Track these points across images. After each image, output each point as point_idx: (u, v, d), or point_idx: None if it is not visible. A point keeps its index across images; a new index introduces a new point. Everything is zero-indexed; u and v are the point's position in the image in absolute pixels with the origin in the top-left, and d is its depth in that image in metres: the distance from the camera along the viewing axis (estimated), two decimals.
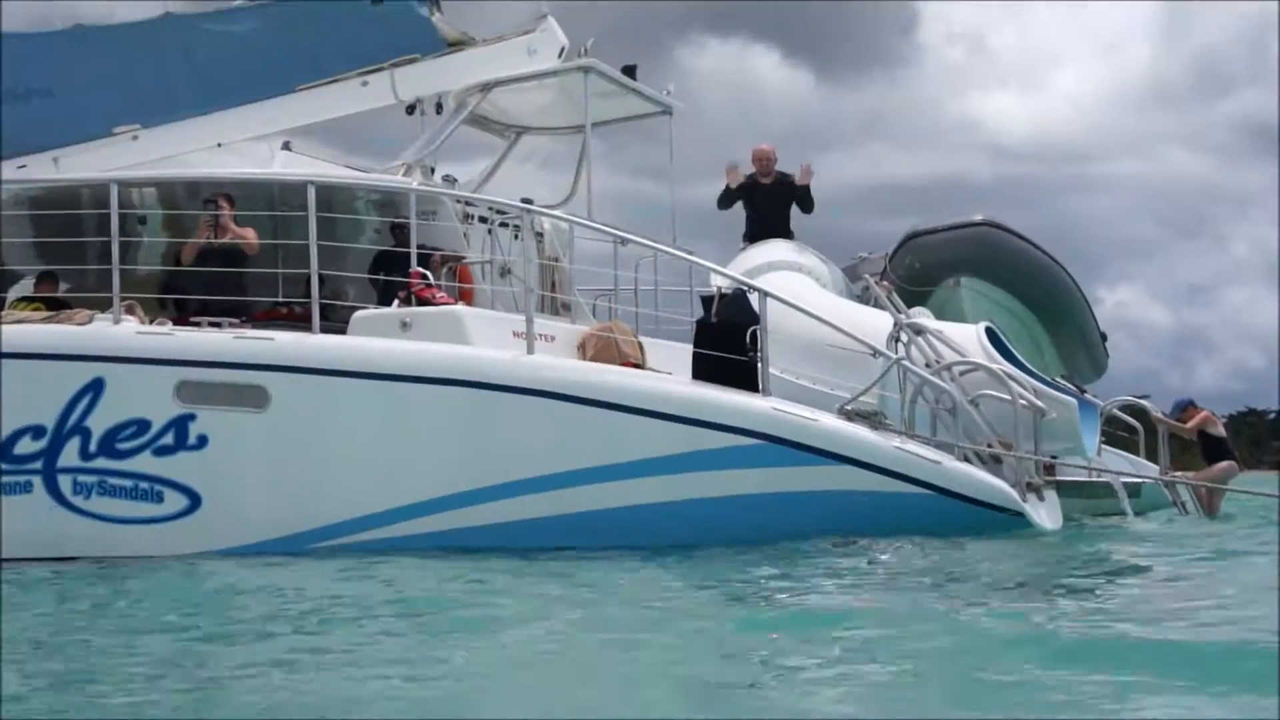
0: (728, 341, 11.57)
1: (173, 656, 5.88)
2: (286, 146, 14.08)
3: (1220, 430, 16.91)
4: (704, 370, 11.61)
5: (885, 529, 10.83)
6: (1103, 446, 15.19)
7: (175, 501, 11.23)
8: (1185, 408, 16.56)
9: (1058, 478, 13.90)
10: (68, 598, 8.84)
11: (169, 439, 11.20)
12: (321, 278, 11.77)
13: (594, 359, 12.06)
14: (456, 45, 14.23)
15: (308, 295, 11.70)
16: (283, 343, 11.48)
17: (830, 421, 11.12)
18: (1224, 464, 16.31)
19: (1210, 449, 16.56)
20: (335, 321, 12.05)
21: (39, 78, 13.97)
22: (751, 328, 11.52)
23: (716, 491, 10.92)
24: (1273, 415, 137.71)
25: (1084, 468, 13.48)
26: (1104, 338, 17.01)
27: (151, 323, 11.80)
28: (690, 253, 13.98)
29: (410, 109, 14.51)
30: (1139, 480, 15.79)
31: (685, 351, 12.14)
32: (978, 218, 16.02)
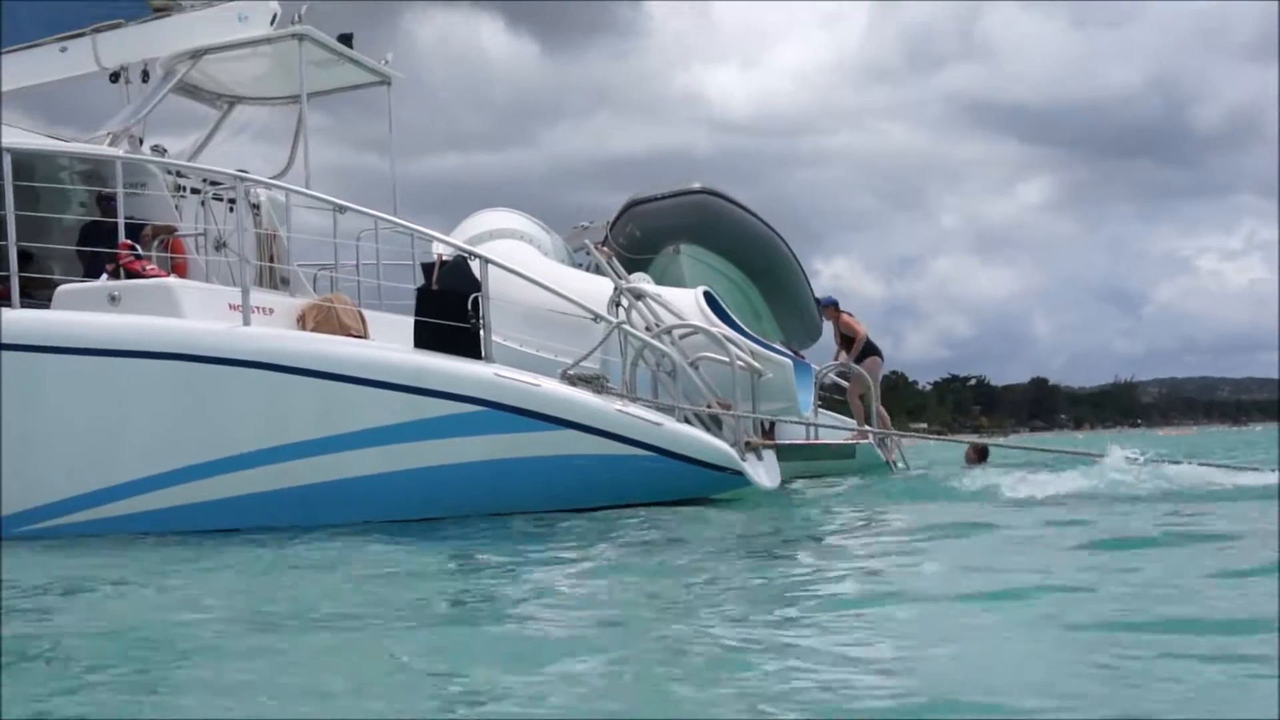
0: (449, 308, 11.51)
1: None
2: None
3: (862, 329, 17.57)
4: (426, 338, 11.52)
5: (609, 491, 10.99)
6: (818, 409, 15.71)
7: None
8: (829, 305, 17.20)
9: (777, 442, 14.34)
10: None
11: None
12: (26, 252, 11.24)
13: (314, 331, 11.84)
14: (162, 10, 13.77)
15: (7, 269, 11.16)
16: None
17: (553, 386, 11.19)
18: (869, 360, 16.95)
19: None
20: (41, 300, 11.54)
21: None
22: (473, 295, 11.49)
23: (440, 460, 10.87)
24: (974, 382, 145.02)
25: (802, 423, 13.91)
26: (819, 303, 17.52)
27: None
28: (411, 223, 13.82)
29: (114, 77, 13.98)
30: (852, 441, 16.41)
31: (409, 324, 12.03)
32: (696, 186, 16.31)
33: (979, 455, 16.64)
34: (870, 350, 17.08)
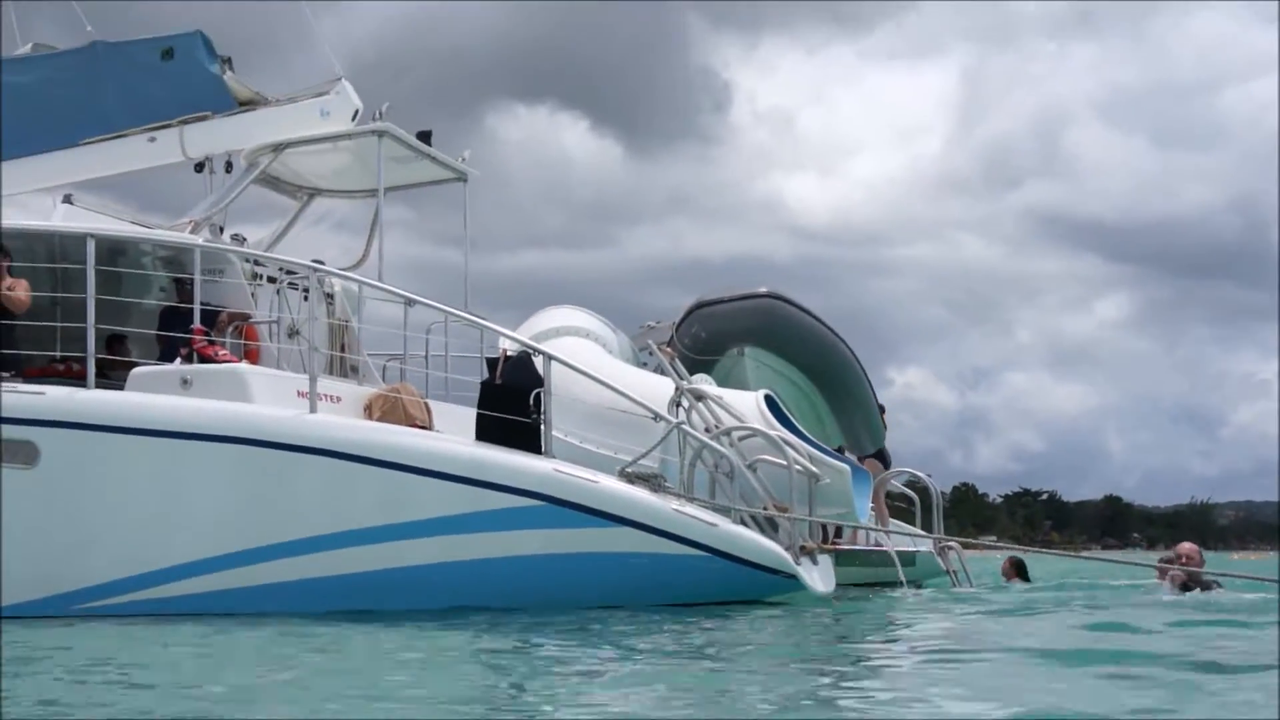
0: (511, 403, 11.68)
1: None
2: (68, 200, 13.79)
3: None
4: (487, 431, 11.68)
5: (662, 589, 11.03)
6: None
7: None
8: None
9: (839, 547, 14.30)
10: None
11: None
12: (106, 334, 11.53)
13: (380, 420, 12.02)
14: (248, 104, 14.16)
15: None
16: (54, 397, 11.20)
17: (610, 483, 11.29)
18: (869, 461, 17.05)
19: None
20: (118, 380, 11.83)
21: None
22: (535, 390, 11.65)
23: (497, 552, 10.99)
24: (1045, 497, 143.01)
25: (866, 528, 13.87)
26: (881, 409, 17.53)
27: None
28: (481, 318, 14.04)
29: (199, 167, 14.35)
30: (914, 548, 16.33)
31: (474, 416, 12.18)
32: (762, 290, 16.42)
33: (1016, 571, 16.51)
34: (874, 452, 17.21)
